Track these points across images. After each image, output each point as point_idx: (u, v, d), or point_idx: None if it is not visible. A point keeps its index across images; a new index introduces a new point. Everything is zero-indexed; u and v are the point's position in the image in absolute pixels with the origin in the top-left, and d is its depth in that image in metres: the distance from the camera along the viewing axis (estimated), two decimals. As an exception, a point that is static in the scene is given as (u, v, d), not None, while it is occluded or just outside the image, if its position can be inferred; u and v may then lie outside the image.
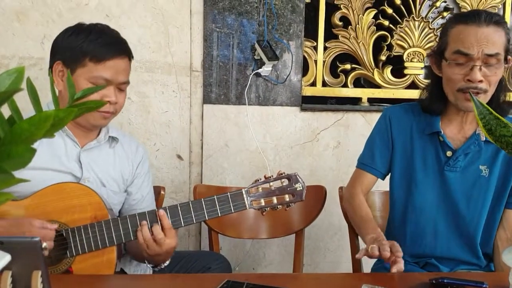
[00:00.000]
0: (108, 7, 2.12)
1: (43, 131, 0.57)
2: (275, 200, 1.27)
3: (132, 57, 1.41)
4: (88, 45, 1.30)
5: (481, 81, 1.30)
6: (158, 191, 1.69)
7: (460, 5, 2.44)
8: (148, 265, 1.34)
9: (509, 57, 1.35)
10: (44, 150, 1.34)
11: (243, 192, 1.26)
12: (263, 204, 1.27)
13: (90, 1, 2.10)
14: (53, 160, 1.35)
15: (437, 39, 2.38)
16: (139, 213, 1.27)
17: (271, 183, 1.27)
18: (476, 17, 1.31)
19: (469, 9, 2.43)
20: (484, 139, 1.39)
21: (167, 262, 1.35)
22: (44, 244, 1.17)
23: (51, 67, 1.36)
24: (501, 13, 2.47)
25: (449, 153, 1.42)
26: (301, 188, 1.27)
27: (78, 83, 1.29)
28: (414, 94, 2.35)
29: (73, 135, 1.38)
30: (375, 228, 1.37)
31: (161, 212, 1.24)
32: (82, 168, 1.38)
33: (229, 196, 1.26)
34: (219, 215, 1.27)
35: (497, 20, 1.32)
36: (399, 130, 1.50)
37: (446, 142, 1.42)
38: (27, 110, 0.65)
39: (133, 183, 1.50)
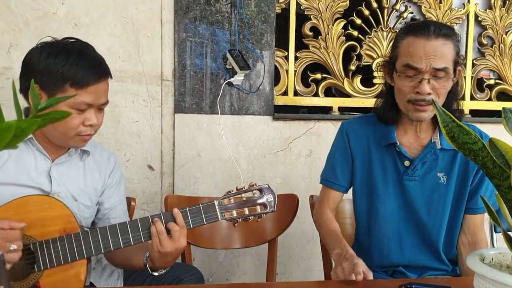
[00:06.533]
0: (77, 16, 2.08)
1: (4, 142, 0.55)
2: (246, 211, 1.27)
3: (111, 75, 1.38)
4: (68, 70, 1.25)
5: (429, 93, 1.33)
6: (128, 202, 1.66)
7: (426, 16, 2.51)
8: (150, 271, 1.31)
9: (458, 68, 1.38)
10: (12, 164, 1.31)
11: (215, 204, 1.26)
12: (235, 215, 1.27)
13: (58, 10, 2.07)
14: (21, 175, 1.31)
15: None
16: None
17: (243, 195, 1.28)
18: (426, 29, 1.33)
19: (434, 19, 2.50)
20: (440, 147, 1.43)
21: (168, 268, 1.34)
22: (13, 246, 1.12)
23: (24, 85, 1.31)
24: (465, 24, 2.56)
25: (406, 163, 1.44)
26: (272, 199, 1.28)
27: (58, 108, 1.24)
28: (383, 103, 2.40)
29: (44, 149, 1.35)
30: (340, 241, 1.38)
31: (176, 210, 1.25)
32: (52, 182, 1.35)
33: (201, 207, 1.26)
34: (191, 227, 1.27)
35: (446, 32, 1.34)
36: (356, 143, 1.52)
37: (403, 152, 1.44)
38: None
39: (104, 193, 1.48)
